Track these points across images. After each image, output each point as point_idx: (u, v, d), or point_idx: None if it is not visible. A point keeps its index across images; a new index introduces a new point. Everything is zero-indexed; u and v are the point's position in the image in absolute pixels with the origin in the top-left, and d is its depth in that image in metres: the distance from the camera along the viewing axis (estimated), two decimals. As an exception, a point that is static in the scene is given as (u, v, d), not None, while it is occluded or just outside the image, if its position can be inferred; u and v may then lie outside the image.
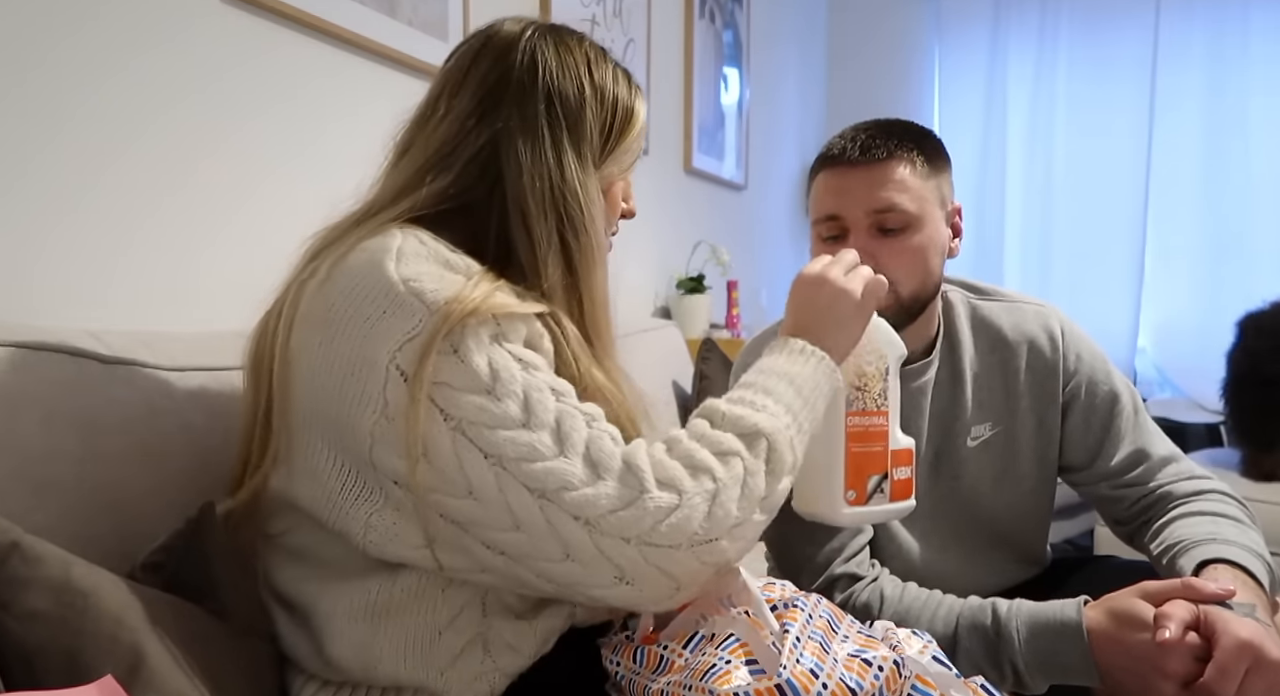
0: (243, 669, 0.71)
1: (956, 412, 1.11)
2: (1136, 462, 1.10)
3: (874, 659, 0.64)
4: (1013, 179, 3.42)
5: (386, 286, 0.68)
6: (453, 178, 0.78)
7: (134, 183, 1.11)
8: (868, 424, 0.86)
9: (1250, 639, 0.81)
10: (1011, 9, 3.43)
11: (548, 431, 0.66)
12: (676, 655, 0.67)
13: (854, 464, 0.86)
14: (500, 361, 0.67)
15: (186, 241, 1.17)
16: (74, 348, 0.80)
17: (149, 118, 1.13)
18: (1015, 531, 1.17)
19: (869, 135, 1.03)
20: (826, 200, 1.05)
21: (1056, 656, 0.90)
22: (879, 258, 0.99)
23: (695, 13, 2.60)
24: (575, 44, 0.85)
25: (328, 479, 0.70)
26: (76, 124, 1.05)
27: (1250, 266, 3.05)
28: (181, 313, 1.16)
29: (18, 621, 0.58)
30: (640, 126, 0.87)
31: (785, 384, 0.75)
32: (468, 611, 0.72)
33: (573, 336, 0.77)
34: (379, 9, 1.48)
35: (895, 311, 1.01)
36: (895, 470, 0.87)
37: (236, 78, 1.25)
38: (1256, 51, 3.02)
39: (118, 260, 1.10)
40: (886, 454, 0.87)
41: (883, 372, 0.87)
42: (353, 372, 0.68)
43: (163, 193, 1.15)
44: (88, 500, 0.77)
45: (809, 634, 0.65)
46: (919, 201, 1.02)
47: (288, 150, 1.32)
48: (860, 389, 0.86)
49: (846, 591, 1.01)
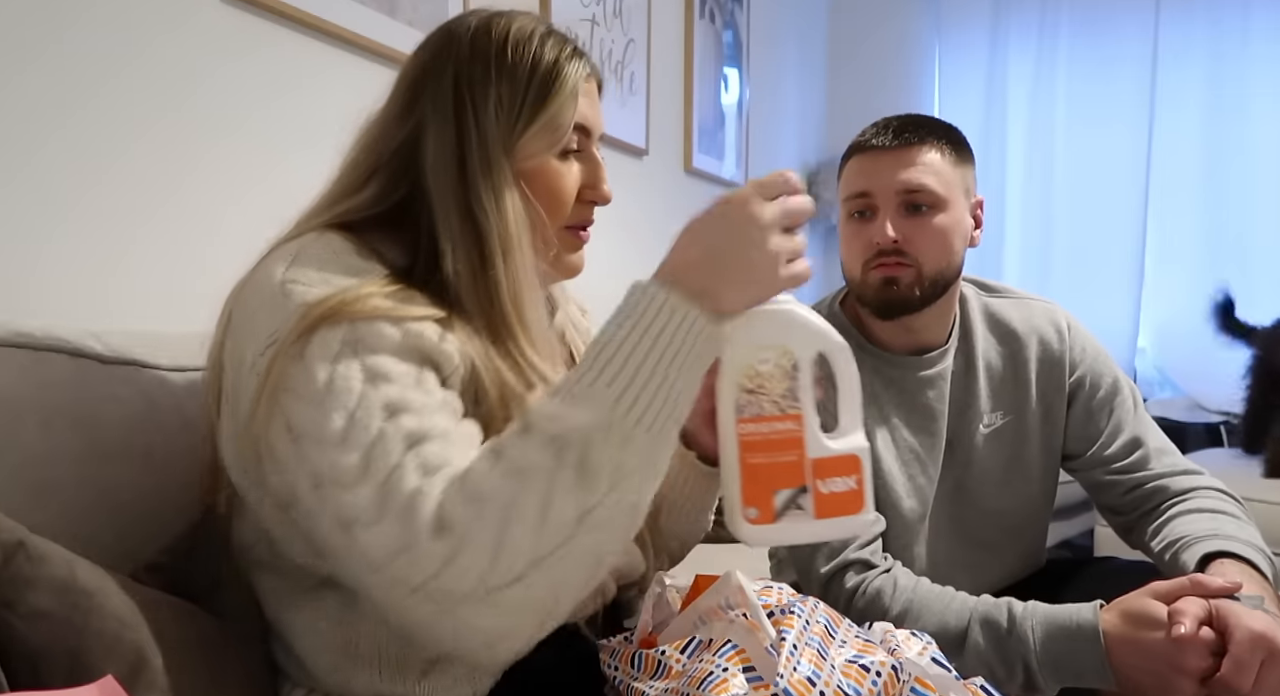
0: (243, 671, 0.71)
1: (970, 401, 1.13)
2: (1132, 450, 1.13)
3: (871, 664, 0.63)
4: (1012, 179, 3.41)
5: (268, 288, 0.67)
6: (386, 179, 0.76)
7: (134, 183, 1.11)
8: (769, 431, 0.73)
9: (1264, 631, 0.81)
10: (1011, 9, 3.43)
11: (358, 454, 0.60)
12: (674, 660, 0.66)
13: (751, 477, 0.74)
14: (341, 372, 0.62)
15: (187, 241, 1.17)
16: (74, 348, 0.80)
17: (149, 118, 1.13)
18: (1018, 524, 1.18)
19: (901, 123, 1.08)
20: (857, 179, 1.09)
21: (1072, 659, 0.91)
22: (907, 234, 1.04)
23: (695, 13, 2.60)
24: (501, 22, 0.78)
25: (251, 485, 0.71)
26: (76, 123, 1.05)
27: (1250, 266, 3.04)
28: (181, 313, 1.16)
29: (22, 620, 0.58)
30: (565, 94, 0.76)
31: (622, 359, 0.61)
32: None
33: (480, 339, 0.70)
34: (379, 8, 1.48)
35: (917, 287, 1.04)
36: (826, 482, 0.73)
37: (237, 77, 1.25)
38: (1257, 51, 3.02)
39: (118, 260, 1.10)
40: (801, 464, 0.73)
41: (788, 370, 0.73)
42: (236, 372, 0.68)
43: (163, 192, 1.15)
44: (88, 500, 0.77)
45: (806, 640, 0.64)
46: (947, 185, 1.06)
47: (288, 149, 1.32)
48: (753, 392, 0.73)
49: (860, 577, 1.02)
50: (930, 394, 1.11)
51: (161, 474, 0.82)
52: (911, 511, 1.09)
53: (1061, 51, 3.34)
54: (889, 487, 1.08)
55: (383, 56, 1.50)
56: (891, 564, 1.04)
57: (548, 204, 0.77)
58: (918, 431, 1.11)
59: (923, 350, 1.12)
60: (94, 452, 0.78)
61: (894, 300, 1.07)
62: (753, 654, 0.63)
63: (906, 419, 1.11)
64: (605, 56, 2.12)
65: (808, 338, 0.74)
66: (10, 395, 0.73)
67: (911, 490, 1.10)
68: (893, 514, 1.09)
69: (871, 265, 1.07)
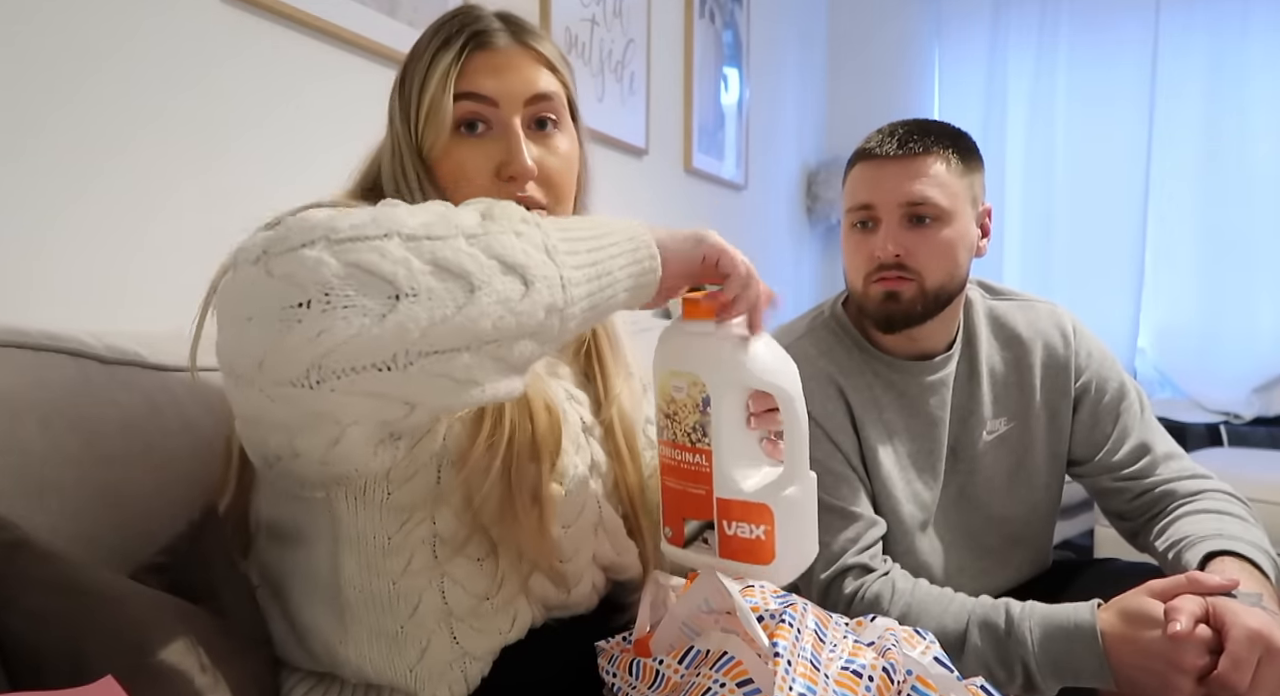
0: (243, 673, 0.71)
1: (973, 407, 1.13)
2: (1140, 455, 1.12)
3: (863, 669, 0.63)
4: (1012, 179, 3.41)
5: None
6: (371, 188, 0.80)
7: (134, 183, 1.11)
8: (680, 459, 0.71)
9: (1261, 628, 0.81)
10: (1011, 9, 3.43)
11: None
12: (672, 671, 0.66)
13: (668, 498, 0.73)
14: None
15: (187, 240, 1.17)
16: (74, 348, 0.80)
17: (148, 118, 1.13)
18: (1024, 530, 1.18)
19: (906, 131, 1.06)
20: (861, 190, 1.07)
21: (1070, 659, 0.90)
22: (909, 247, 1.02)
23: (695, 13, 2.60)
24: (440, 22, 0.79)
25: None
26: (76, 123, 1.05)
27: (1250, 266, 3.05)
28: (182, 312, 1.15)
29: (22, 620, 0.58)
30: (439, 72, 0.74)
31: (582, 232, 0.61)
32: (426, 600, 0.71)
33: None
34: (379, 9, 1.48)
35: (920, 302, 1.03)
36: (731, 524, 0.69)
37: (236, 77, 1.25)
38: (1257, 50, 3.02)
39: (118, 260, 1.10)
40: (710, 500, 0.70)
41: (698, 403, 0.69)
42: None
43: (162, 193, 1.15)
44: (89, 501, 0.76)
45: (799, 652, 0.63)
46: (952, 197, 1.04)
47: (287, 149, 1.32)
48: (670, 416, 0.71)
49: (858, 581, 1.02)
50: (933, 401, 1.11)
51: (161, 474, 0.82)
52: (912, 517, 1.09)
53: (1061, 51, 3.34)
54: (889, 492, 1.08)
55: (382, 56, 1.50)
56: (889, 567, 1.04)
57: (454, 190, 0.75)
58: (919, 437, 1.11)
59: (926, 355, 1.12)
60: (94, 453, 0.77)
61: (895, 314, 1.06)
62: (750, 666, 0.62)
63: (908, 424, 1.11)
64: (605, 56, 2.12)
65: (731, 373, 0.69)
66: (10, 395, 0.73)
67: (911, 496, 1.10)
68: (893, 519, 1.08)
69: (873, 278, 1.06)
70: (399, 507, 0.70)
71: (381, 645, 0.71)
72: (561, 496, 0.76)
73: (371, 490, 0.69)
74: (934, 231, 1.04)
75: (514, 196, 0.74)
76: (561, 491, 0.76)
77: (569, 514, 0.77)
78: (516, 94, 0.76)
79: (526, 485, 0.72)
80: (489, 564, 0.73)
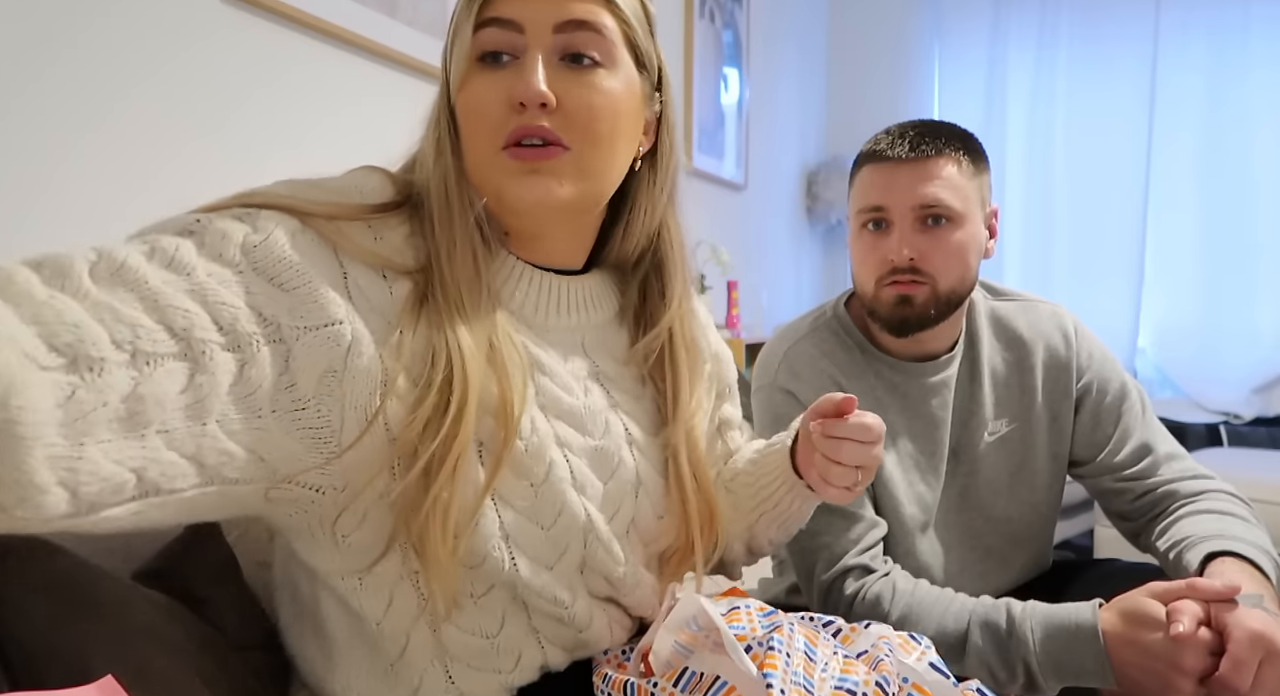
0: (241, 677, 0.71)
1: (974, 408, 1.12)
2: (1141, 456, 1.12)
3: (856, 687, 0.63)
4: (1012, 179, 3.42)
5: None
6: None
7: (133, 183, 1.11)
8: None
9: (1262, 630, 0.81)
10: (1011, 9, 3.43)
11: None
12: (666, 693, 0.65)
13: None
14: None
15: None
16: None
17: (149, 119, 1.13)
18: (1025, 531, 1.17)
19: (918, 133, 1.05)
20: (872, 192, 1.06)
21: (1072, 658, 0.90)
22: (922, 251, 1.02)
23: (695, 13, 2.60)
24: None
25: None
26: (76, 121, 1.05)
27: (1250, 266, 3.05)
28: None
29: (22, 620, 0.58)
30: (463, 3, 0.67)
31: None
32: (415, 639, 0.67)
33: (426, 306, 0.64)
34: (379, 9, 1.48)
35: (933, 306, 1.02)
36: None
37: (236, 77, 1.25)
38: (1257, 50, 3.02)
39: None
40: None
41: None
42: None
43: (161, 193, 1.15)
44: (89, 501, 0.76)
45: (791, 678, 0.62)
46: (963, 199, 1.03)
47: (287, 149, 1.32)
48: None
49: (860, 582, 1.01)
50: (934, 402, 1.10)
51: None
52: (912, 517, 1.09)
53: (1061, 51, 3.34)
54: (890, 493, 1.08)
55: (383, 56, 1.50)
56: (890, 568, 1.04)
57: (470, 124, 0.67)
58: (920, 438, 1.11)
59: (928, 357, 1.11)
60: (94, 453, 0.77)
61: (909, 318, 1.05)
62: (744, 692, 0.62)
63: (909, 425, 1.11)
64: (605, 56, 2.12)
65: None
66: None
67: (913, 497, 1.09)
68: (894, 520, 1.08)
69: (885, 282, 1.04)
70: (362, 548, 0.64)
71: (371, 681, 0.68)
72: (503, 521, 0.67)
73: (319, 534, 0.64)
74: (947, 234, 1.03)
75: (518, 127, 0.65)
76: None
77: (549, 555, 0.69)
78: (543, 18, 0.65)
79: (450, 508, 0.62)
80: (487, 600, 0.68)
